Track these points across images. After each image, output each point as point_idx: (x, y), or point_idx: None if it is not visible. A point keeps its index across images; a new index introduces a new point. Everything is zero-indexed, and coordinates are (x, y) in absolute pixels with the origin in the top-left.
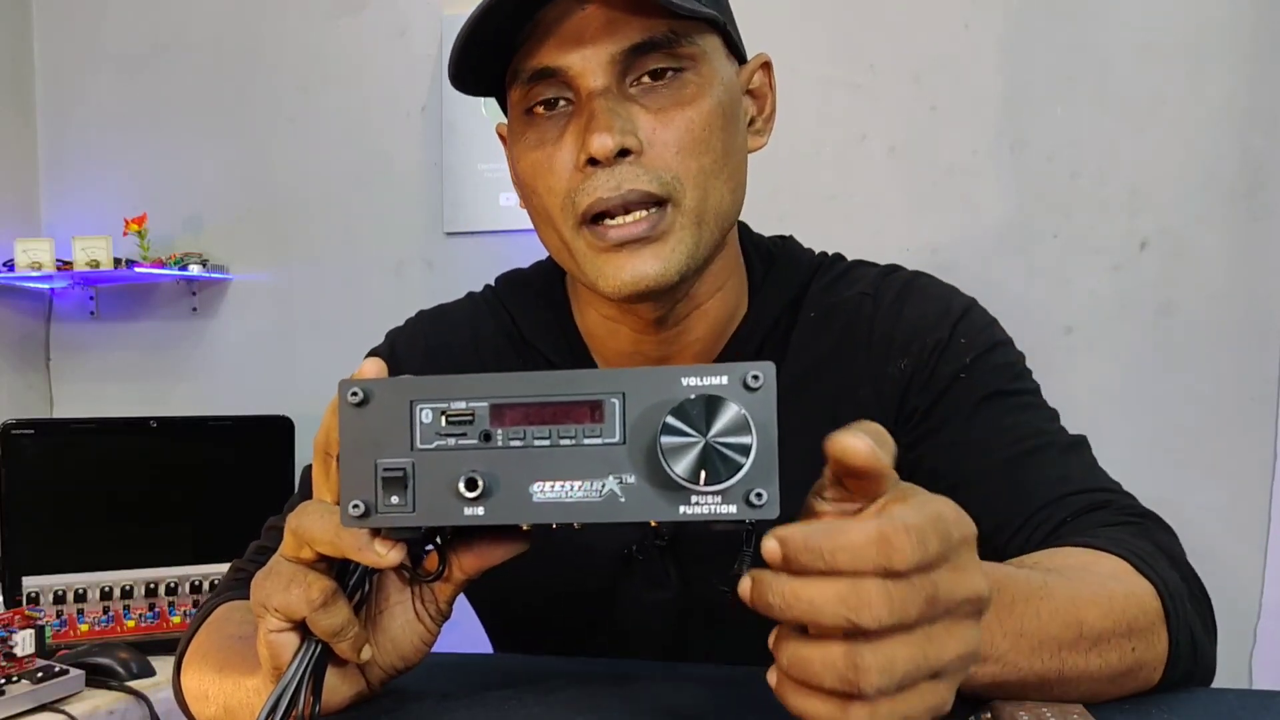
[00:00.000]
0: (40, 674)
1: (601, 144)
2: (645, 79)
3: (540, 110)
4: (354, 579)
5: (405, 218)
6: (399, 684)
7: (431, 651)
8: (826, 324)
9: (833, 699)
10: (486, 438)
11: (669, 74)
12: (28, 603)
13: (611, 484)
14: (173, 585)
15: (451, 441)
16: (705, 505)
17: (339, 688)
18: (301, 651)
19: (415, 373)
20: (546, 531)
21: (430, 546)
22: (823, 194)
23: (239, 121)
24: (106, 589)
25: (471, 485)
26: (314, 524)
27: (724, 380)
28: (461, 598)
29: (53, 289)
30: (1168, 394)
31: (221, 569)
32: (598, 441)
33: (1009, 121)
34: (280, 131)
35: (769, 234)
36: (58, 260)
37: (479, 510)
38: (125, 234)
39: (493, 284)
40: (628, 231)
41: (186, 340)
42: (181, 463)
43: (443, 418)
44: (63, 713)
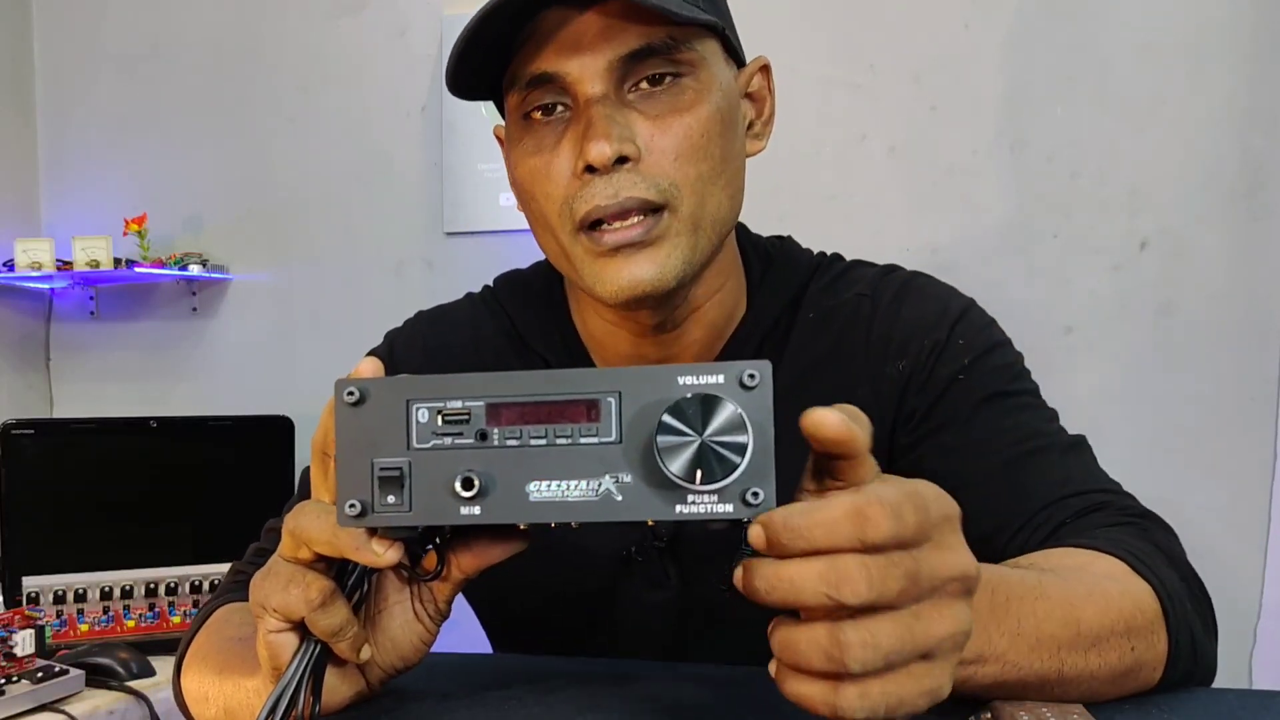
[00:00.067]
0: (40, 674)
1: (599, 152)
2: (643, 84)
3: (538, 116)
4: (353, 579)
5: (405, 218)
6: (399, 684)
7: (431, 651)
8: (825, 325)
9: (824, 681)
10: (483, 437)
11: (667, 79)
12: (28, 603)
13: (608, 483)
14: (173, 585)
15: (448, 441)
16: (702, 504)
17: (339, 688)
18: (301, 652)
19: (414, 374)
20: (545, 531)
21: (429, 546)
22: (823, 194)
23: (239, 121)
24: (106, 589)
25: (468, 485)
26: (311, 524)
27: (720, 379)
28: (460, 598)
29: (53, 289)
30: (1168, 394)
31: (221, 569)
32: (594, 441)
33: (1009, 121)
34: (280, 131)
35: (769, 234)
36: (58, 260)
37: (475, 510)
38: (125, 234)
39: (491, 285)
40: (623, 235)
41: (186, 340)
42: (181, 463)
43: (439, 417)
44: (63, 713)
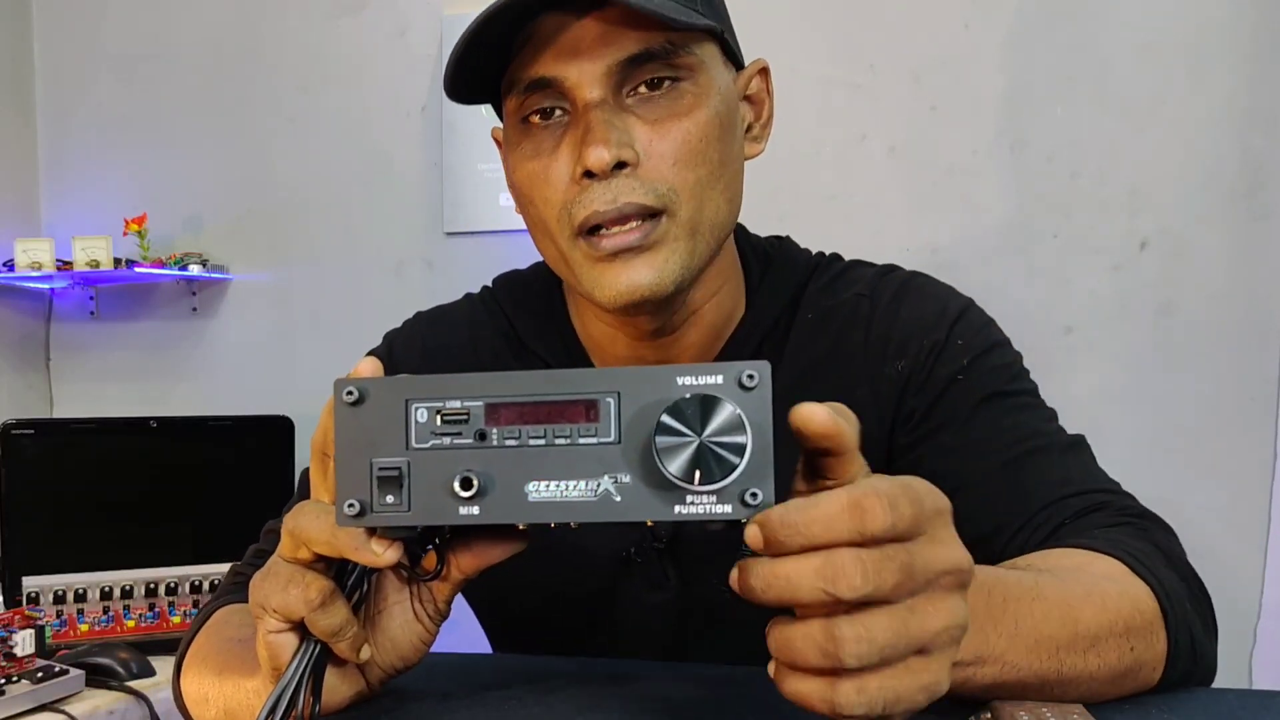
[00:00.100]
0: (40, 674)
1: (598, 157)
2: (642, 89)
3: (536, 120)
4: (352, 579)
5: (405, 218)
6: (399, 684)
7: (431, 651)
8: (823, 325)
9: (820, 678)
10: (481, 437)
11: (666, 84)
12: (28, 603)
13: (607, 484)
14: (173, 585)
15: (446, 441)
16: (700, 505)
17: (338, 688)
18: (300, 652)
19: (413, 374)
20: (544, 531)
21: (428, 546)
22: (823, 194)
23: (239, 122)
24: (106, 589)
25: (466, 484)
26: (310, 524)
27: (719, 379)
28: (460, 598)
29: (53, 289)
30: (1168, 394)
31: (221, 569)
32: (593, 441)
33: (1009, 121)
34: (280, 132)
35: (770, 234)
36: (58, 260)
37: (474, 510)
38: (125, 234)
39: (490, 285)
40: (620, 240)
41: (186, 340)
42: (181, 463)
43: (438, 417)
44: (63, 713)
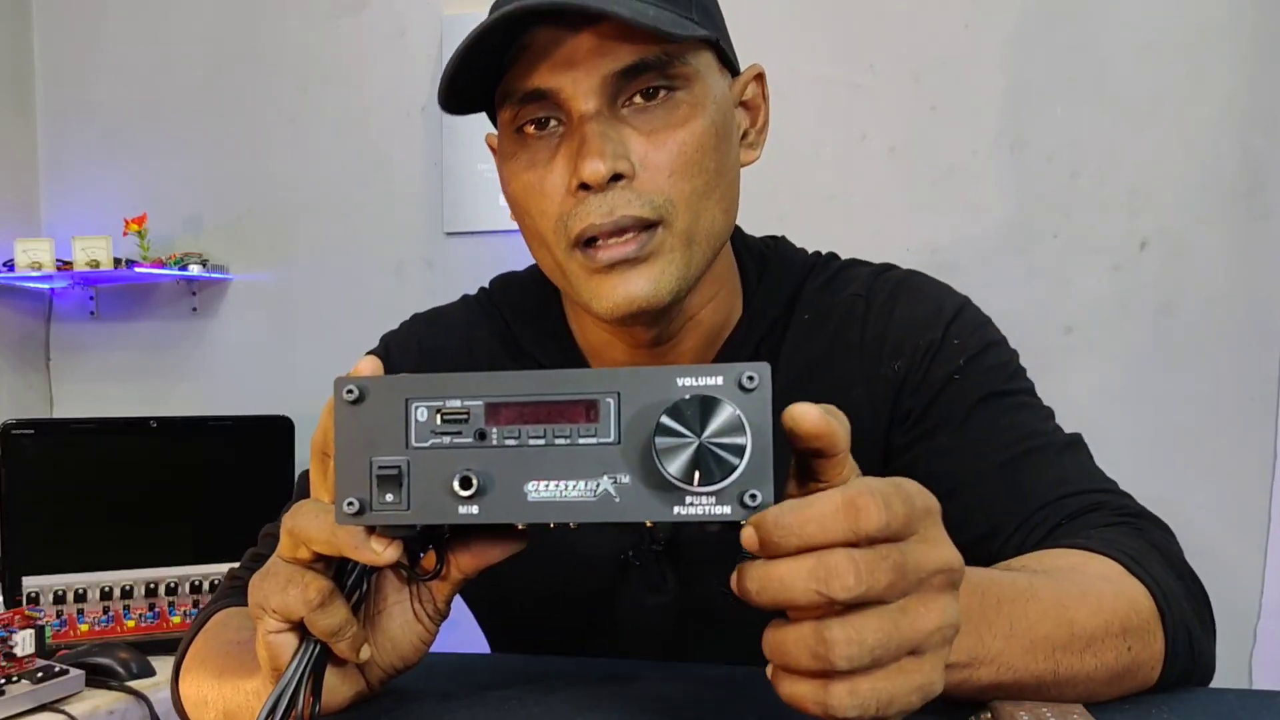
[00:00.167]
0: (40, 674)
1: (594, 170)
2: (637, 99)
3: (531, 130)
4: (352, 578)
5: (405, 218)
6: (399, 684)
7: (431, 651)
8: (820, 326)
9: (813, 680)
10: (481, 436)
11: (661, 93)
12: (28, 603)
13: (606, 484)
14: (173, 585)
15: (446, 440)
16: (700, 506)
17: (338, 688)
18: (300, 652)
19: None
20: (543, 532)
21: (428, 545)
22: (823, 194)
23: (239, 122)
24: (106, 589)
25: (466, 484)
26: (310, 523)
27: (719, 381)
28: (459, 599)
29: (53, 289)
30: (1168, 394)
31: (221, 569)
32: (592, 441)
33: (1009, 121)
34: (280, 131)
35: (767, 234)
36: (58, 260)
37: (473, 509)
38: (125, 234)
39: (486, 287)
40: (617, 252)
41: (186, 340)
42: (181, 463)
43: (438, 416)
44: (63, 713)
